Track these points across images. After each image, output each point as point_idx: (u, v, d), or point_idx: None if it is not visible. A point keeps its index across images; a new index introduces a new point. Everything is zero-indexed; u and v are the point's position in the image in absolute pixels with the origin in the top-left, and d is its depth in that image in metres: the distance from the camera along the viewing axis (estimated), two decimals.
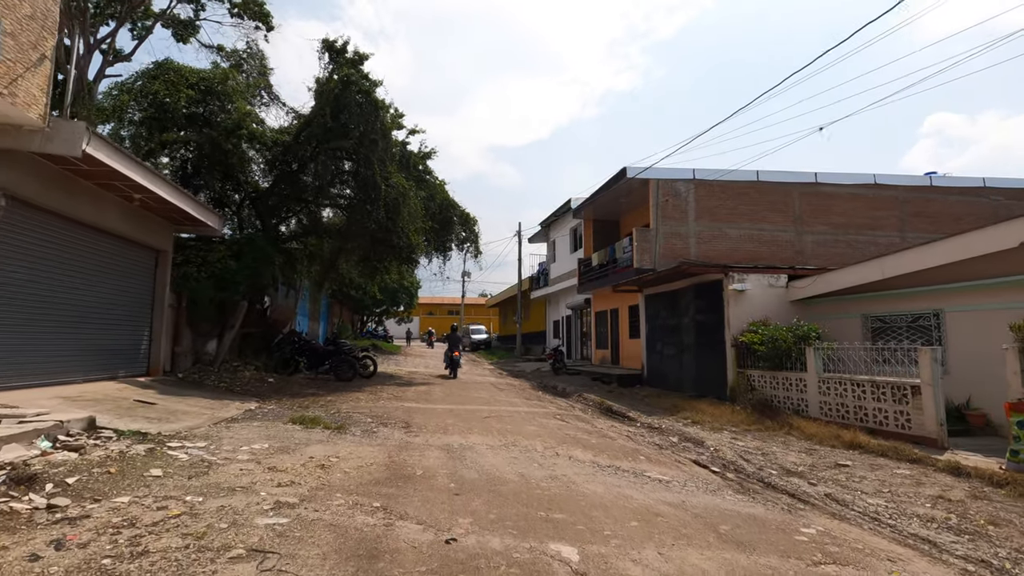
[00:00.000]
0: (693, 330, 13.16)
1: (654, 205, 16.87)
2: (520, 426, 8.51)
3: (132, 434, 5.76)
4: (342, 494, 4.38)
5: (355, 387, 12.29)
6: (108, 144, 6.90)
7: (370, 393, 11.41)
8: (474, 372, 20.17)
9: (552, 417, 9.77)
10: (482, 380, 16.72)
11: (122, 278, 9.31)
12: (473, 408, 10.21)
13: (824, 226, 17.79)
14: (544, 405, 11.63)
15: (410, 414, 9.03)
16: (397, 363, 22.94)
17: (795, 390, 9.81)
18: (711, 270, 11.99)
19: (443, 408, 9.98)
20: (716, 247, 17.01)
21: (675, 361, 14.06)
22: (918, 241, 18.94)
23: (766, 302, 11.91)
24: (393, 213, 12.11)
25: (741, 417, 9.73)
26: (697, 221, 17.15)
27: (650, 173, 16.83)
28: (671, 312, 14.38)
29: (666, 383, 14.37)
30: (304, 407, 9.20)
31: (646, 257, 16.66)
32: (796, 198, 17.73)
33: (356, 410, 9.12)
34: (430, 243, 13.87)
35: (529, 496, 4.71)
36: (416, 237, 12.57)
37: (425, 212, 13.73)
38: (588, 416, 10.57)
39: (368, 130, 11.22)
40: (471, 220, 15.38)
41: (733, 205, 17.37)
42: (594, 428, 9.06)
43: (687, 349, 13.45)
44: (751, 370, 11.00)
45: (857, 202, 18.03)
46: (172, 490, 4.16)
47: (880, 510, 5.16)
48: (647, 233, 16.79)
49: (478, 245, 15.66)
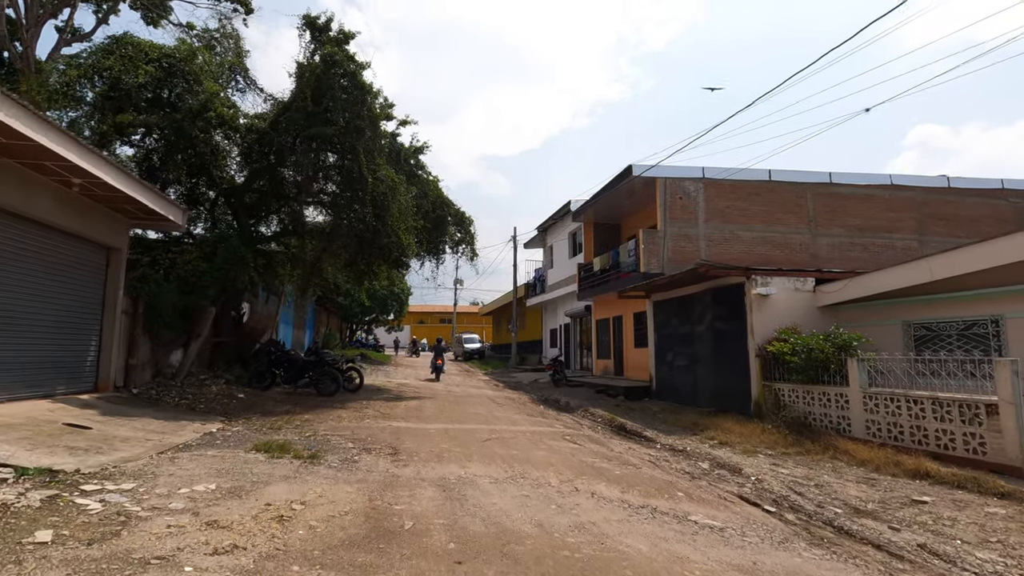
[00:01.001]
0: (710, 339, 12.04)
1: (661, 205, 15.82)
2: (527, 451, 7.30)
3: (38, 473, 4.49)
4: (301, 566, 3.16)
5: (338, 403, 11.01)
6: (29, 112, 5.67)
7: (354, 410, 10.14)
8: (468, 384, 18.91)
9: (561, 438, 8.58)
10: (477, 393, 15.48)
11: (63, 279, 8.02)
12: (471, 428, 8.98)
13: (840, 228, 16.84)
14: (549, 423, 10.43)
15: (399, 436, 7.79)
16: (386, 374, 21.62)
17: (835, 407, 8.69)
18: (732, 272, 10.91)
19: (437, 428, 8.75)
20: (728, 250, 15.98)
21: (688, 372, 12.93)
22: (937, 245, 18.14)
23: (792, 308, 10.84)
24: (381, 210, 10.91)
25: (774, 438, 8.59)
26: (707, 223, 16.13)
27: (657, 172, 15.80)
28: (683, 319, 13.27)
29: (678, 396, 13.22)
30: (275, 428, 7.93)
31: (654, 260, 15.58)
32: (810, 199, 16.77)
33: (336, 431, 7.86)
34: (422, 244, 12.66)
35: (556, 562, 3.51)
36: (407, 237, 11.38)
37: (416, 210, 12.54)
38: (600, 436, 9.38)
39: (353, 116, 10.04)
40: (467, 220, 14.19)
41: (745, 206, 16.37)
42: (611, 452, 7.87)
43: (703, 360, 12.33)
44: (780, 383, 9.89)
45: (873, 203, 17.11)
46: (53, 568, 2.91)
47: (1001, 570, 4.02)
48: (654, 235, 15.72)
49: (474, 247, 14.49)
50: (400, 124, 12.67)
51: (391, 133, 12.71)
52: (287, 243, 14.99)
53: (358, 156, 10.31)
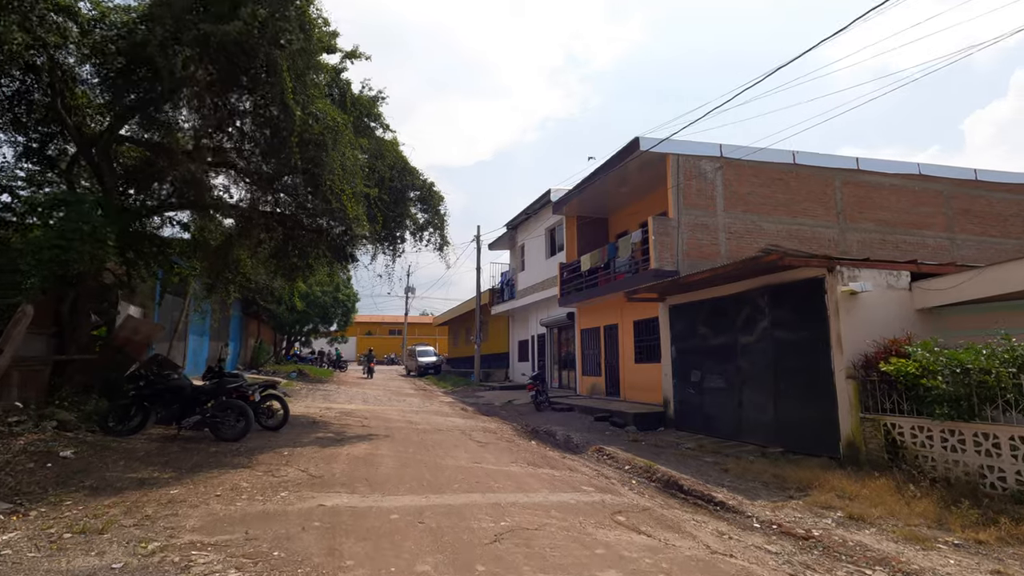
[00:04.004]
0: (765, 352, 9.08)
1: (674, 188, 12.91)
2: (586, 570, 3.91)
3: None
4: None
5: (243, 454, 7.20)
6: None
7: (266, 470, 6.40)
8: (430, 409, 15.23)
9: (612, 521, 5.23)
10: (446, 424, 11.90)
11: None
12: (459, 505, 5.47)
13: (870, 222, 14.51)
14: (566, 478, 7.07)
15: (335, 544, 4.20)
16: (327, 395, 17.58)
17: (1012, 459, 5.78)
18: (810, 262, 7.98)
19: (404, 511, 5.20)
20: (750, 243, 13.26)
21: (728, 396, 9.93)
22: (972, 246, 16.20)
23: (887, 311, 8.03)
24: (316, 164, 7.32)
25: (925, 506, 5.59)
26: (727, 211, 13.36)
27: (668, 147, 12.92)
28: (719, 327, 10.29)
29: (711, 427, 10.19)
30: (91, 531, 4.16)
31: (667, 255, 12.62)
32: (838, 188, 14.37)
33: (213, 534, 4.19)
34: (375, 221, 9.05)
35: None
36: (354, 207, 7.77)
37: (370, 173, 8.98)
38: (658, 505, 6.10)
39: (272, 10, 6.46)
40: (435, 196, 10.60)
41: (768, 192, 13.74)
42: (710, 551, 4.60)
43: (753, 380, 9.35)
44: (894, 417, 6.97)
45: (901, 196, 14.94)
46: None
47: None
48: (667, 224, 12.77)
49: (444, 232, 10.91)
50: (346, 57, 9.05)
51: (334, 68, 9.11)
52: (186, 224, 11.00)
53: (279, 77, 6.70)
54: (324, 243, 10.37)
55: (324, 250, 11.11)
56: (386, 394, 19.63)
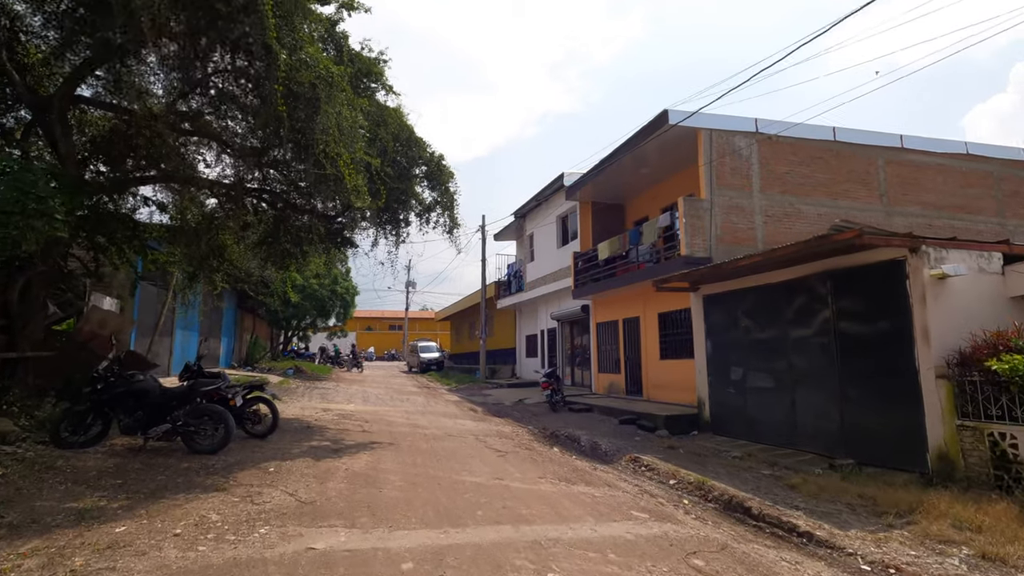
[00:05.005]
0: (827, 347, 7.88)
1: (706, 166, 11.69)
2: None
3: None
4: None
5: (218, 471, 6.00)
6: None
7: (244, 493, 5.21)
8: (436, 409, 14.06)
9: (689, 568, 4.05)
10: (456, 428, 10.72)
11: None
12: (487, 541, 4.28)
13: (915, 205, 13.31)
14: (610, 498, 5.89)
15: None
16: (324, 394, 16.40)
17: None
18: (891, 240, 6.77)
19: (416, 548, 4.02)
20: (788, 228, 12.06)
21: (776, 398, 8.74)
22: (1020, 231, 15.05)
23: (978, 298, 6.84)
24: (306, 121, 6.09)
25: None
26: (764, 192, 12.15)
27: (699, 120, 11.69)
28: (764, 318, 9.11)
29: (757, 432, 9.01)
30: None
31: (698, 240, 11.42)
32: (881, 167, 13.15)
33: None
34: (378, 197, 7.78)
35: None
36: (353, 176, 6.56)
37: (371, 141, 7.74)
38: (728, 536, 4.92)
39: None
40: (445, 171, 9.32)
41: (807, 172, 12.53)
42: None
43: (810, 379, 8.16)
44: (1006, 426, 5.79)
45: (948, 176, 13.73)
46: None
47: None
48: (698, 206, 11.57)
49: (454, 213, 9.63)
50: (343, 7, 7.79)
51: (328, 18, 7.84)
52: (163, 204, 9.79)
53: (259, 14, 5.47)
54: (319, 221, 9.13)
55: (319, 234, 9.88)
56: (388, 392, 18.45)
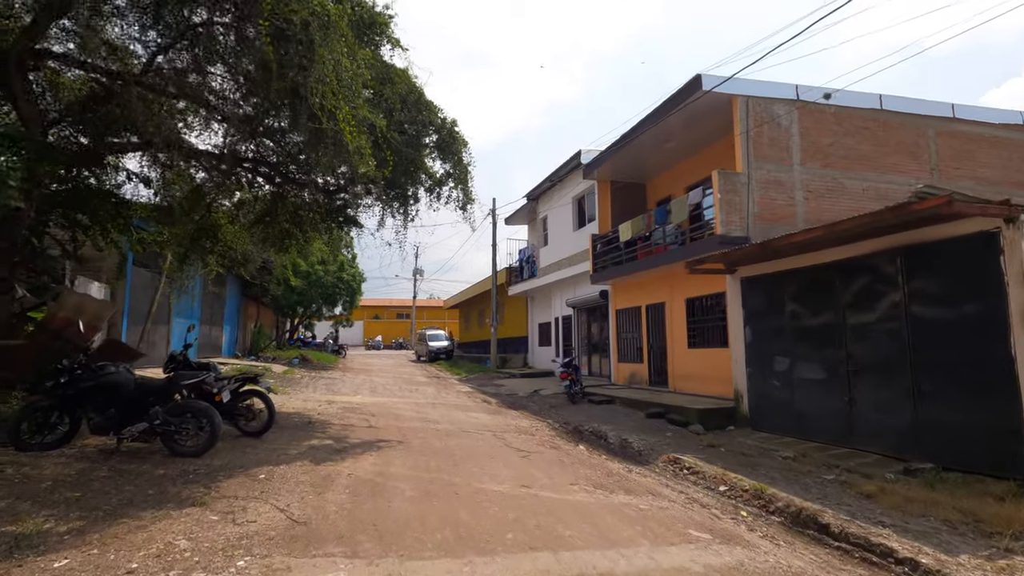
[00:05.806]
0: (896, 334, 6.91)
1: (742, 135, 10.66)
2: None
3: None
4: None
5: (199, 479, 5.18)
6: None
7: (223, 512, 4.36)
8: (448, 401, 13.24)
9: None
10: (470, 423, 9.89)
11: None
12: (525, 574, 3.42)
13: (969, 180, 12.18)
14: (662, 511, 5.02)
15: None
16: (329, 385, 15.63)
17: None
18: (987, 209, 5.78)
19: None
20: (830, 205, 11.03)
21: (830, 391, 7.80)
22: None
23: None
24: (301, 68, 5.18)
25: None
26: (804, 165, 11.11)
27: (734, 86, 10.64)
28: (815, 303, 8.15)
29: (806, 428, 8.09)
30: None
31: (734, 218, 10.44)
32: (931, 139, 12.05)
33: None
34: (384, 165, 6.85)
35: None
36: (355, 136, 5.65)
37: (376, 102, 6.81)
38: (812, 564, 4.04)
39: None
40: (459, 140, 8.36)
41: (852, 144, 11.46)
42: None
43: (873, 370, 7.21)
44: None
45: (1004, 149, 12.61)
46: None
47: None
48: (734, 181, 10.56)
49: (468, 187, 8.70)
50: None
51: None
52: (148, 179, 8.93)
53: None
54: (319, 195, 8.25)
55: (320, 212, 9.00)
56: (396, 383, 17.68)
